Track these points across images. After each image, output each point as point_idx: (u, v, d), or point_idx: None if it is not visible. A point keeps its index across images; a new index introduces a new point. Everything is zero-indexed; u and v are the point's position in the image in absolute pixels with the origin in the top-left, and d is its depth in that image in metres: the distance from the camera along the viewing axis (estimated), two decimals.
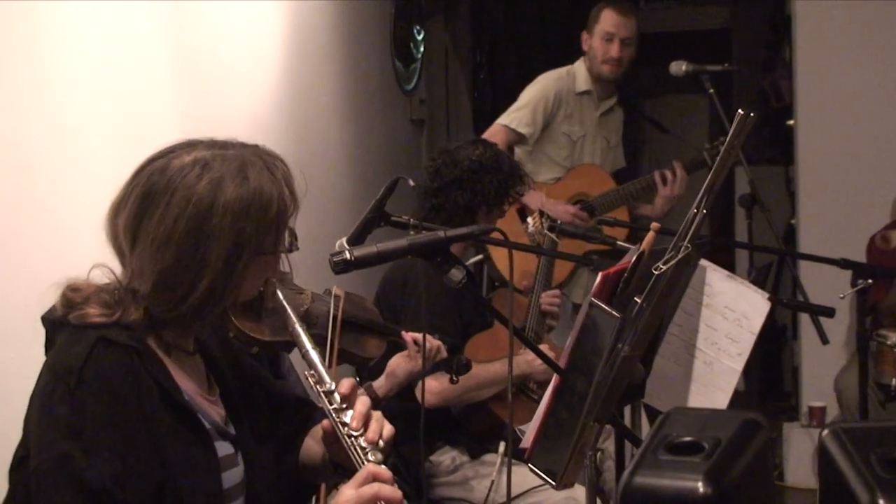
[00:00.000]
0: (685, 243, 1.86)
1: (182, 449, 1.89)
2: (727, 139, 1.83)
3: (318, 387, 2.03)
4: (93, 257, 2.72)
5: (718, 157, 1.89)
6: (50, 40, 3.02)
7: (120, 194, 1.94)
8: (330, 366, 2.87)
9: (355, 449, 1.95)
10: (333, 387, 2.02)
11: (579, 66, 5.11)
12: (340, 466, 2.08)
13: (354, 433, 1.96)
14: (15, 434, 1.94)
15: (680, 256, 1.84)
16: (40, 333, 2.31)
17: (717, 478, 1.33)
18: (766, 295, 2.56)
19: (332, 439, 2.04)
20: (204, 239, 1.88)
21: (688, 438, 1.38)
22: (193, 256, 1.88)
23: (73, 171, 3.12)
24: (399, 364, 3.15)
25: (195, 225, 1.87)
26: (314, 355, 2.06)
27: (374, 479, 1.88)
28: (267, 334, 2.80)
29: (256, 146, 2.00)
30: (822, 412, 5.62)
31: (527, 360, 3.52)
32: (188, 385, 1.98)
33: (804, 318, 5.65)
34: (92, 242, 3.04)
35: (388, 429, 2.00)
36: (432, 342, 3.07)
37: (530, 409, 3.49)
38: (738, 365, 2.53)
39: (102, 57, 3.26)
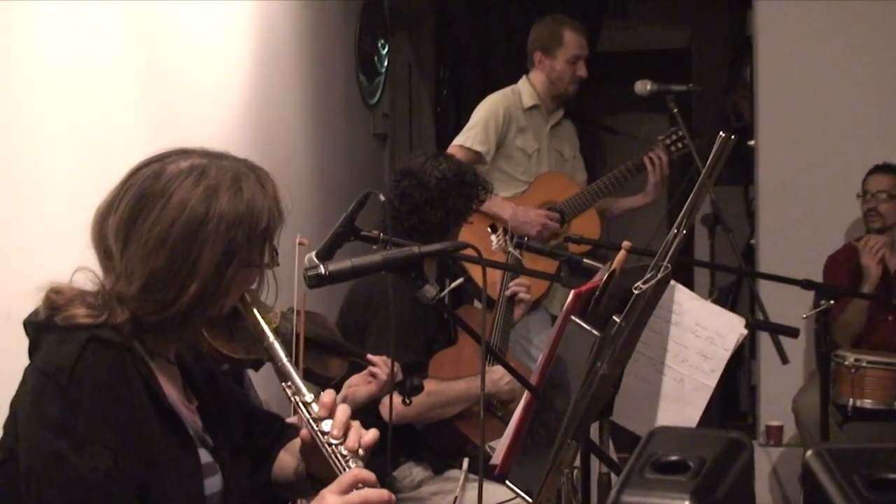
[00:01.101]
0: (665, 263, 1.88)
1: (168, 451, 1.89)
2: (708, 161, 1.85)
3: (296, 397, 2.04)
4: (56, 267, 2.70)
5: (699, 179, 1.91)
6: (15, 52, 3.00)
7: (110, 196, 1.94)
8: None
9: (336, 457, 1.95)
10: (311, 398, 2.02)
11: (523, 84, 5.20)
12: (317, 479, 2.08)
13: (334, 441, 1.96)
14: None
15: (660, 276, 1.86)
16: (3, 340, 2.28)
17: (703, 496, 1.34)
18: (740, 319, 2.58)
19: (310, 450, 2.05)
20: (198, 244, 1.89)
21: (674, 457, 1.38)
22: (186, 260, 1.89)
23: (37, 181, 3.10)
24: (358, 387, 3.14)
25: (190, 229, 1.89)
26: (290, 367, 2.06)
27: (361, 483, 1.88)
28: (239, 352, 2.80)
29: (247, 160, 2.03)
30: (780, 431, 5.67)
31: (492, 380, 3.52)
32: (170, 391, 1.99)
33: (762, 338, 5.69)
34: (54, 252, 3.04)
35: (368, 436, 2.00)
36: (389, 365, 3.07)
37: (493, 426, 3.50)
38: (711, 381, 2.53)
39: (68, 69, 3.24)
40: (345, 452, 1.96)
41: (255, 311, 2.11)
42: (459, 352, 3.68)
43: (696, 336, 2.49)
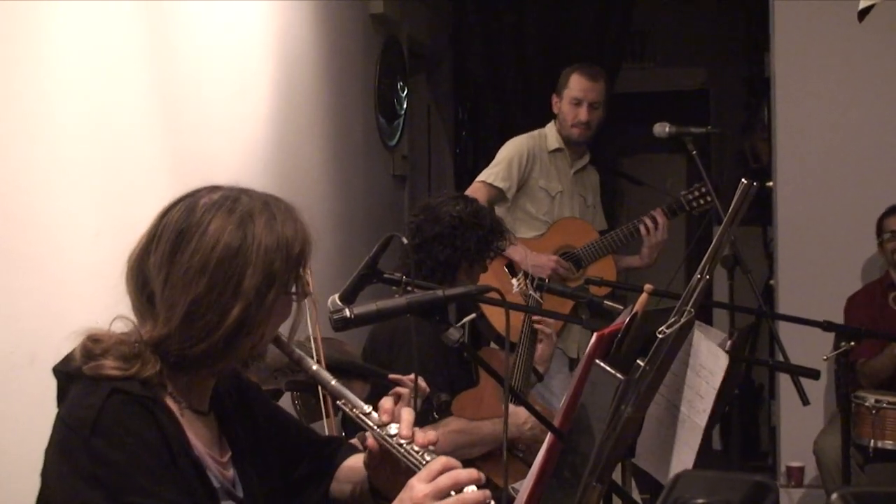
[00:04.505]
0: (689, 308, 1.89)
1: (191, 502, 1.89)
2: (731, 207, 1.86)
3: (354, 411, 2.08)
4: (80, 310, 2.71)
5: (722, 225, 1.93)
6: (38, 93, 3.04)
7: (146, 238, 1.96)
8: (327, 414, 2.90)
9: (410, 454, 1.98)
10: (369, 409, 2.06)
11: (550, 128, 5.27)
12: (381, 495, 2.13)
13: (404, 441, 2.00)
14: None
15: (684, 321, 1.87)
16: (27, 384, 2.30)
17: None
18: (725, 341, 2.58)
19: (377, 461, 2.09)
20: (239, 266, 1.90)
21: (700, 500, 1.39)
22: (228, 283, 1.89)
23: (60, 221, 3.13)
24: None
25: (229, 254, 1.90)
26: (340, 386, 2.10)
27: (449, 468, 1.90)
28: None
29: (270, 195, 2.05)
30: (801, 472, 5.64)
31: (515, 424, 3.52)
32: (198, 445, 1.98)
33: (782, 378, 5.68)
34: (78, 295, 3.07)
35: (431, 435, 2.03)
36: (418, 382, 3.07)
37: (515, 467, 3.49)
38: (702, 421, 2.52)
39: (90, 109, 3.28)
40: (418, 448, 1.98)
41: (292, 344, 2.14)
42: (481, 393, 3.69)
43: (698, 376, 2.49)
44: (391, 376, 3.10)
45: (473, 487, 1.90)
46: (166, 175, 3.66)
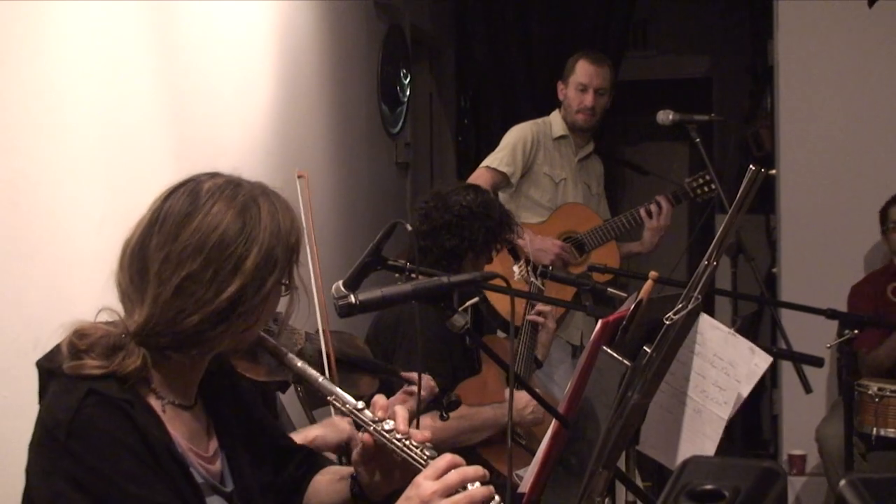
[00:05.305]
0: (696, 294, 1.89)
1: (176, 500, 1.87)
2: (738, 193, 1.86)
3: (346, 407, 2.06)
4: (84, 295, 2.70)
5: (730, 211, 1.92)
6: (45, 85, 3.04)
7: (147, 222, 1.93)
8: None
9: (409, 449, 1.97)
10: (361, 405, 2.05)
11: (555, 116, 5.28)
12: (363, 495, 2.11)
13: (401, 436, 1.99)
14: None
15: (691, 307, 1.87)
16: (32, 372, 2.29)
17: None
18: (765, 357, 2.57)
19: (370, 456, 2.07)
20: (242, 246, 1.89)
21: (708, 486, 1.39)
22: (228, 261, 1.88)
23: (66, 210, 3.13)
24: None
25: (234, 233, 1.89)
26: (327, 383, 2.09)
27: (455, 466, 1.89)
28: (263, 374, 2.80)
29: (266, 184, 2.04)
30: (803, 461, 5.65)
31: (516, 408, 3.52)
32: (181, 441, 1.96)
33: (784, 367, 5.68)
34: (82, 281, 3.07)
35: (427, 432, 2.03)
36: (426, 381, 3.07)
37: (517, 454, 3.50)
38: (725, 413, 2.52)
39: (96, 97, 3.28)
40: (416, 444, 1.98)
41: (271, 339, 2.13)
42: (484, 381, 3.69)
43: (714, 366, 2.48)
44: (403, 374, 3.10)
45: (477, 484, 1.89)
46: (171, 164, 3.66)
